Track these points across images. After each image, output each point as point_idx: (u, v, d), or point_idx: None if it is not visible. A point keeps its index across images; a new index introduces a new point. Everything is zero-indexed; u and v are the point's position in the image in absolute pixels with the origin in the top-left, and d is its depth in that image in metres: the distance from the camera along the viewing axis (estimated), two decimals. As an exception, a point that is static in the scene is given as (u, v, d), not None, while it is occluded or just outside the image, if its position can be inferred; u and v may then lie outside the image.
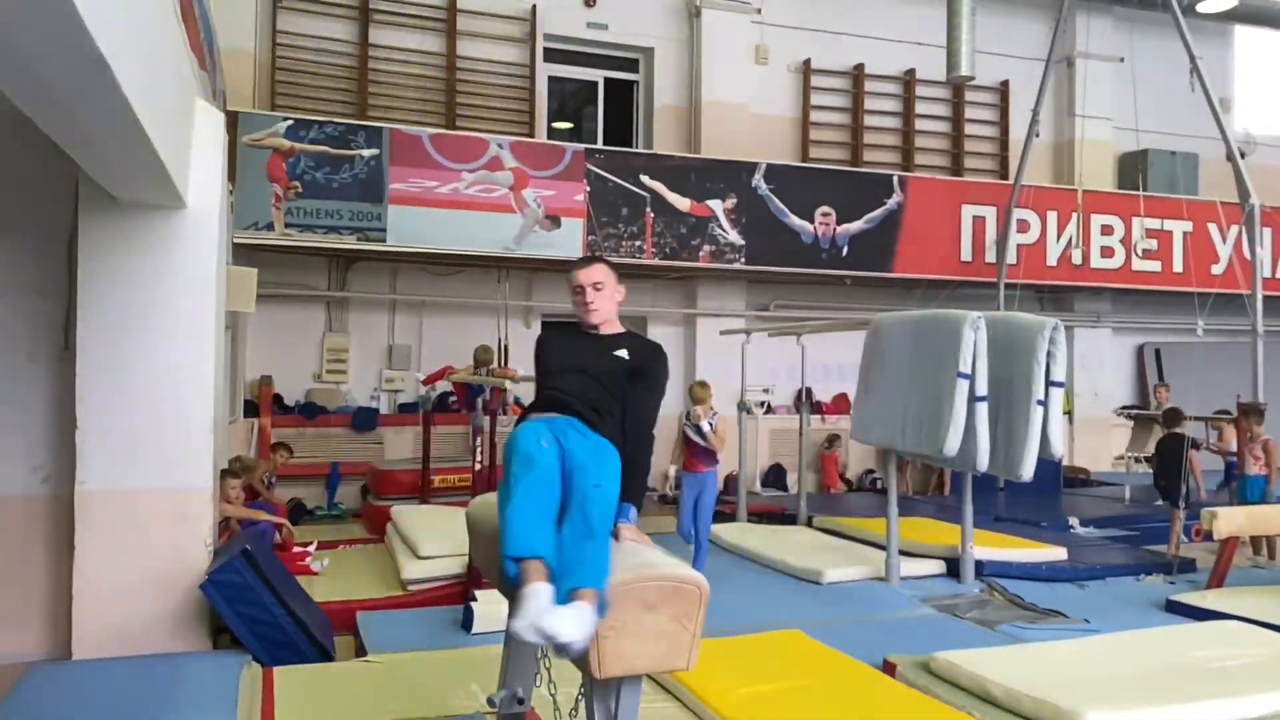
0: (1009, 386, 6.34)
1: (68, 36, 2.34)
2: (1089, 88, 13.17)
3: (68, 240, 5.20)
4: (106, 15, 2.48)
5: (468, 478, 8.58)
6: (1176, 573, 7.33)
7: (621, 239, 10.33)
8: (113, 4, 2.58)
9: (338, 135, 9.47)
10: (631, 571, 2.70)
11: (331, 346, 10.63)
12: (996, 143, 13.43)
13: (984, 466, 6.32)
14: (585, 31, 11.49)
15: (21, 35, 2.35)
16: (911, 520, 8.10)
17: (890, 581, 6.80)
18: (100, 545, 4.98)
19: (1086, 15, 13.04)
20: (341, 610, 5.80)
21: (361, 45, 10.72)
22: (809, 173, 11.56)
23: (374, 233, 9.55)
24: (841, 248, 11.27)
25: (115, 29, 2.61)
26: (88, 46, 2.41)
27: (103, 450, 5.00)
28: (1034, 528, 8.72)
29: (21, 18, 2.23)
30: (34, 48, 2.45)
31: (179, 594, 5.09)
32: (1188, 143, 13.52)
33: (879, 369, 7.13)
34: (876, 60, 12.71)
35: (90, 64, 2.56)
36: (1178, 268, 12.48)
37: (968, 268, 11.82)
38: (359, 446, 10.38)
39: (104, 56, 2.51)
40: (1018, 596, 6.51)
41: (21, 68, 2.63)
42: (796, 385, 10.36)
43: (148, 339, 5.09)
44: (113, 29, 2.57)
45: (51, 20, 2.24)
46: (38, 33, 2.34)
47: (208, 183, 5.25)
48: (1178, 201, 12.60)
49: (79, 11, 2.18)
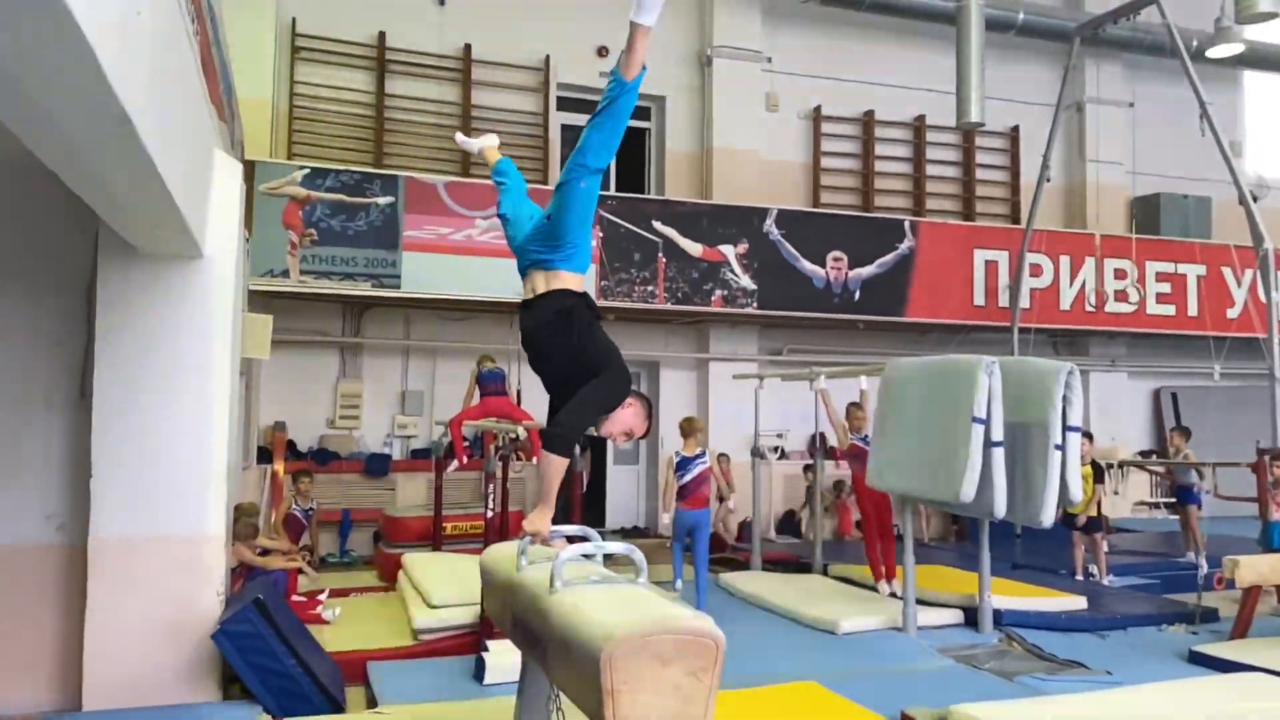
0: (1025, 432, 6.29)
1: (92, 92, 2.38)
2: (1099, 132, 13.25)
3: (86, 289, 5.25)
4: (130, 71, 2.52)
5: (480, 524, 8.53)
6: (1199, 622, 7.20)
7: (634, 284, 10.37)
8: (137, 60, 2.62)
9: (354, 183, 9.59)
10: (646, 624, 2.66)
11: (345, 392, 10.65)
12: (1008, 187, 13.49)
13: (1001, 513, 6.25)
14: (598, 80, 11.58)
15: (46, 90, 2.39)
16: (929, 568, 8.01)
17: (907, 631, 6.70)
18: (112, 593, 4.96)
19: (1095, 61, 13.17)
20: (353, 660, 5.74)
21: (378, 95, 10.89)
22: (820, 218, 11.62)
23: (388, 279, 9.62)
24: (854, 292, 11.28)
25: (138, 85, 2.65)
26: (111, 103, 2.45)
27: (117, 498, 5.00)
28: (1053, 575, 8.61)
29: (46, 73, 2.27)
30: (58, 103, 2.49)
31: (191, 643, 5.06)
32: (1200, 186, 13.55)
33: (894, 415, 7.10)
34: (886, 107, 12.83)
35: (113, 119, 2.60)
36: (1193, 311, 12.44)
37: (981, 312, 11.80)
38: (371, 493, 10.36)
39: (127, 112, 2.55)
40: (1037, 647, 6.40)
41: (45, 122, 2.67)
42: (810, 430, 10.31)
43: (163, 386, 5.12)
44: (136, 85, 2.61)
45: (76, 76, 2.27)
46: (62, 88, 2.37)
47: (225, 232, 5.31)
48: (1191, 245, 12.59)
49: (103, 68, 2.21)
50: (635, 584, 2.97)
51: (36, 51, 2.11)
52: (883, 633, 6.75)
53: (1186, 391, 13.65)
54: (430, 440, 10.50)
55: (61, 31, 1.96)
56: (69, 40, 2.01)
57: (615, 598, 2.79)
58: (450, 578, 6.71)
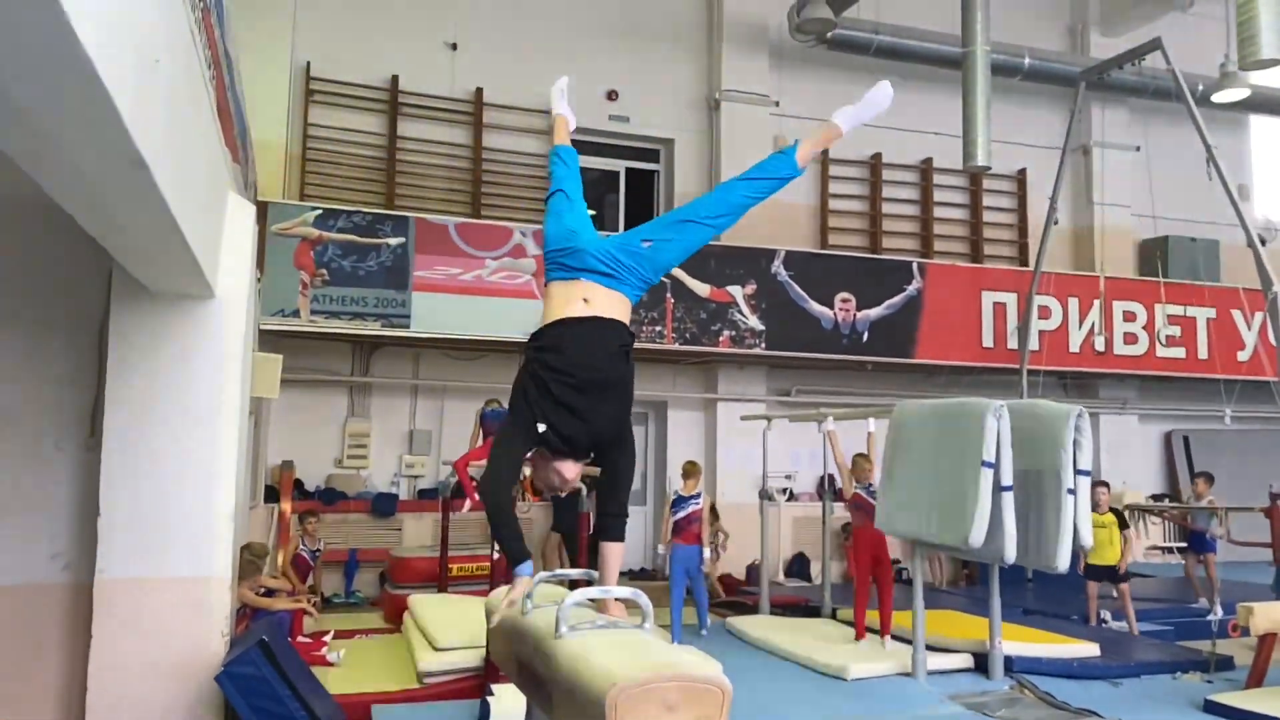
0: (1036, 476, 6.25)
1: (108, 137, 2.42)
2: (1106, 175, 13.31)
3: (98, 328, 5.29)
4: (147, 117, 2.56)
5: (486, 566, 8.50)
6: (1214, 670, 7.09)
7: (642, 324, 10.40)
8: (153, 107, 2.67)
9: (365, 224, 9.68)
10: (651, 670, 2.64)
11: (353, 431, 10.66)
12: (1015, 229, 13.54)
13: (1011, 558, 6.19)
14: (607, 124, 11.78)
15: (62, 134, 2.43)
16: (939, 613, 7.92)
17: (917, 677, 6.62)
18: (118, 633, 4.94)
19: (1101, 106, 13.27)
20: (357, 703, 5.69)
21: (390, 137, 11.02)
22: (828, 259, 11.67)
23: (398, 319, 9.67)
24: (862, 333, 11.29)
25: (155, 130, 2.70)
26: (128, 147, 2.49)
27: (123, 538, 4.99)
28: (1065, 621, 8.50)
29: (65, 120, 2.31)
30: (76, 147, 2.53)
31: (195, 684, 5.02)
32: (1207, 229, 13.57)
33: (902, 458, 7.06)
34: (893, 150, 12.92)
35: (129, 164, 2.64)
36: (1203, 354, 12.40)
37: (990, 354, 11.79)
38: (378, 533, 10.32)
39: (143, 157, 2.58)
40: (1049, 694, 6.30)
41: (62, 165, 2.71)
42: (819, 472, 10.27)
43: (172, 426, 5.13)
44: (153, 130, 2.65)
45: (94, 123, 2.31)
46: (80, 134, 2.41)
47: (237, 273, 5.35)
48: (1200, 288, 12.59)
49: (121, 114, 2.25)
50: (641, 629, 2.95)
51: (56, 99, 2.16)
52: (892, 679, 6.66)
53: (1198, 435, 13.57)
54: (437, 480, 10.48)
55: (81, 80, 2.00)
56: (88, 88, 2.05)
57: (620, 643, 2.77)
58: (456, 620, 6.66)
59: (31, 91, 2.09)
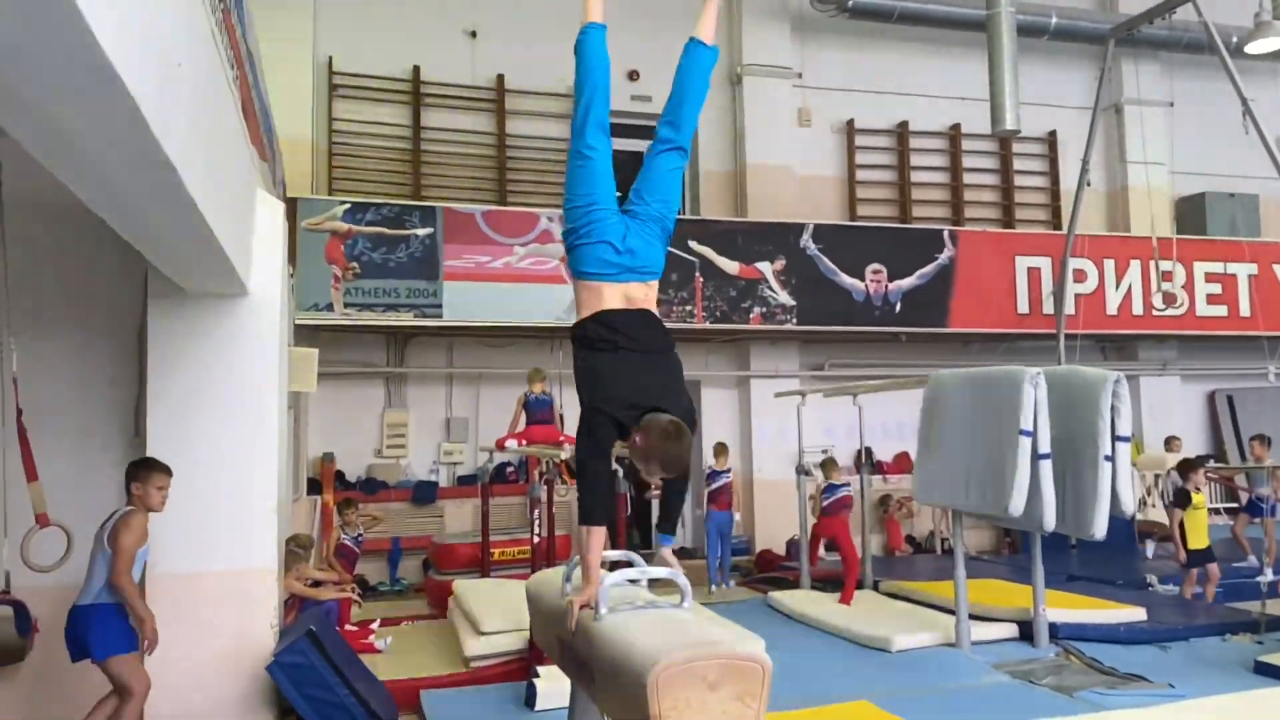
0: (1074, 443, 6.19)
1: (136, 142, 2.46)
2: (1139, 133, 13.04)
3: (138, 330, 5.39)
4: (172, 120, 2.60)
5: (527, 549, 8.57)
6: (1264, 631, 7.00)
7: (672, 304, 10.39)
8: (178, 110, 2.71)
9: (393, 216, 9.74)
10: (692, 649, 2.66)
11: (391, 421, 10.78)
12: (1047, 193, 13.33)
13: (1051, 525, 6.15)
14: (630, 104, 11.71)
15: (92, 142, 2.47)
16: (981, 582, 7.88)
17: (961, 647, 6.60)
18: (168, 628, 5.03)
19: (1132, 62, 12.98)
20: (406, 688, 5.79)
21: (414, 128, 11.06)
22: (857, 231, 11.57)
23: (430, 309, 9.74)
24: (894, 304, 11.19)
25: (180, 133, 2.74)
26: (155, 151, 2.53)
27: (171, 534, 5.09)
28: (1110, 586, 8.42)
29: (92, 125, 2.35)
30: (104, 154, 2.58)
31: (245, 675, 5.13)
32: (1245, 184, 13.28)
33: (939, 428, 7.02)
34: (920, 117, 12.76)
35: (158, 168, 2.68)
36: (1244, 311, 12.16)
37: (1025, 320, 11.65)
38: (420, 520, 10.45)
39: (170, 160, 2.63)
40: (1096, 660, 6.26)
41: (92, 171, 2.76)
42: (855, 445, 10.22)
43: (213, 422, 5.23)
44: (178, 133, 2.69)
45: (121, 128, 2.35)
46: (107, 140, 2.46)
47: (269, 270, 5.42)
48: (1239, 244, 12.33)
49: (146, 119, 2.29)
50: (680, 608, 2.97)
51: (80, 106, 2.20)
52: (936, 649, 6.65)
53: (1241, 393, 13.33)
54: (476, 466, 10.57)
55: (105, 87, 2.04)
56: (112, 95, 2.09)
57: (660, 622, 2.80)
58: (500, 604, 6.74)
59: (56, 99, 2.13)
